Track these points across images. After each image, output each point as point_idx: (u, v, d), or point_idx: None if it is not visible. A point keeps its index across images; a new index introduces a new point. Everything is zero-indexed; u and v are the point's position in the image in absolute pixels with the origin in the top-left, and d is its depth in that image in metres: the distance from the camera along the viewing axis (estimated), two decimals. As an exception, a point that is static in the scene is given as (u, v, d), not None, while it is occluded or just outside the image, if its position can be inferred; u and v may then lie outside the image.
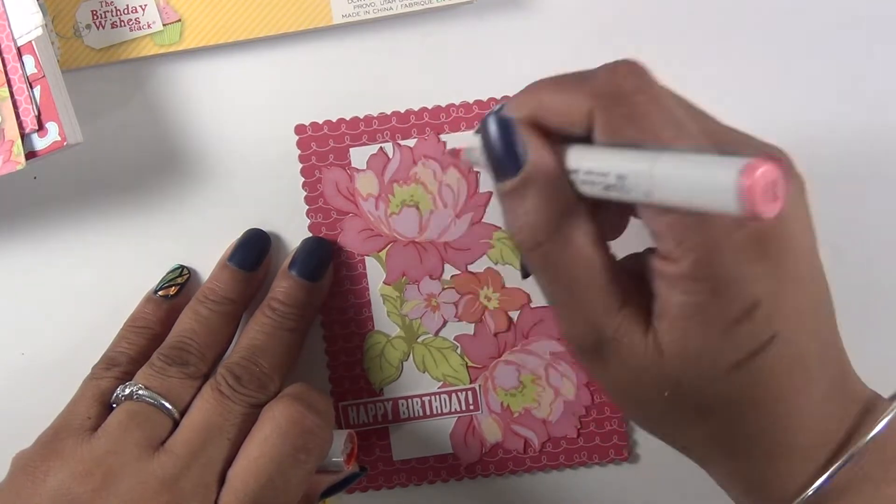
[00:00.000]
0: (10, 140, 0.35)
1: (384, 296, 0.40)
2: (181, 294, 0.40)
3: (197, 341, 0.36)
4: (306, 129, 0.40)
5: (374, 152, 0.40)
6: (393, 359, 0.41)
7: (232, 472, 0.33)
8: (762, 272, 0.28)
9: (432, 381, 0.41)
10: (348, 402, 0.41)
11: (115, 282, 0.40)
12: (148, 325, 0.38)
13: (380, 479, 0.41)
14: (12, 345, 0.41)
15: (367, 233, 0.40)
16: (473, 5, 0.39)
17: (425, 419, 0.41)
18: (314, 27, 0.39)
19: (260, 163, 0.40)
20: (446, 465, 0.41)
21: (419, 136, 0.40)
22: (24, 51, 0.35)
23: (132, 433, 0.33)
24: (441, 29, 0.40)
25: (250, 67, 0.40)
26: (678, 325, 0.28)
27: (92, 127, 0.39)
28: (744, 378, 0.29)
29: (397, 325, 0.41)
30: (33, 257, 0.40)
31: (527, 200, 0.30)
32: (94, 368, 0.37)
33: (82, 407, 0.35)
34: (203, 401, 0.34)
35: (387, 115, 0.40)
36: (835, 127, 0.40)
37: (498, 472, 0.41)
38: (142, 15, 0.38)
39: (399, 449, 0.41)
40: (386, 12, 0.38)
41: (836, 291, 0.39)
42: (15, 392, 0.41)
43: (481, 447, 0.41)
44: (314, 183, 0.40)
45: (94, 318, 0.40)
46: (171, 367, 0.35)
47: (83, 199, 0.40)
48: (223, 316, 0.38)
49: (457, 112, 0.40)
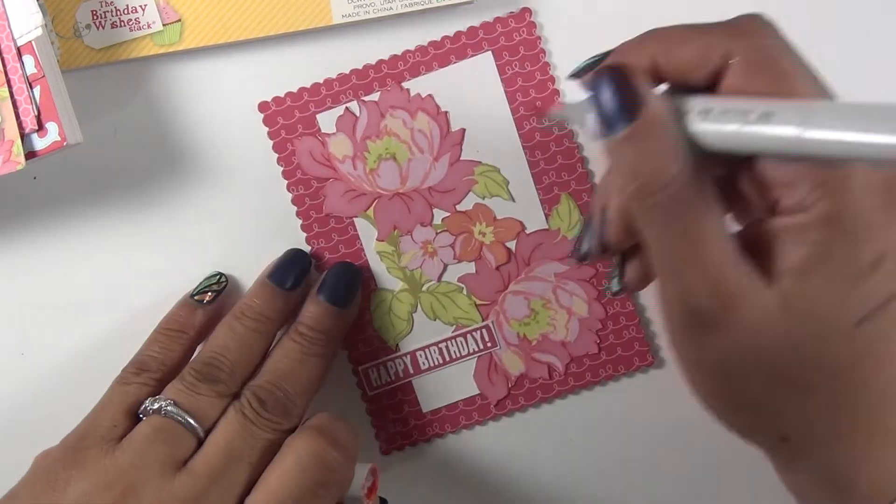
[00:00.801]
0: (9, 140, 0.35)
1: (380, 253, 0.40)
2: (217, 301, 0.39)
3: (230, 359, 0.36)
4: (269, 106, 0.40)
5: (341, 114, 0.40)
6: (402, 313, 0.41)
7: (250, 500, 0.33)
8: (890, 221, 0.27)
9: (445, 326, 0.41)
10: (367, 364, 0.41)
11: (114, 282, 0.40)
12: (182, 328, 0.38)
13: (414, 434, 0.42)
14: (12, 345, 0.41)
15: (351, 194, 0.40)
16: (473, 5, 0.39)
17: (446, 365, 0.41)
18: (314, 27, 0.39)
19: (261, 163, 0.40)
20: (476, 407, 0.41)
21: (381, 89, 0.40)
22: (24, 51, 0.35)
23: (157, 449, 0.33)
24: (441, 29, 0.40)
25: (250, 67, 0.40)
26: (805, 278, 0.27)
27: (92, 127, 0.39)
28: (863, 338, 0.28)
29: (399, 278, 0.41)
30: (33, 257, 0.40)
31: (651, 142, 0.28)
32: (124, 372, 0.37)
33: (109, 413, 0.35)
34: (227, 423, 0.35)
35: (346, 73, 0.40)
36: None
37: (528, 402, 0.41)
38: (142, 15, 0.38)
39: (426, 400, 0.41)
40: (386, 12, 0.38)
41: None
42: (15, 392, 0.41)
43: (507, 381, 0.41)
44: (288, 156, 0.40)
45: (93, 318, 0.41)
46: (202, 383, 0.35)
47: (83, 199, 0.40)
48: (258, 334, 0.37)
49: (413, 57, 0.40)
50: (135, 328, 0.40)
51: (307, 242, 0.40)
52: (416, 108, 0.40)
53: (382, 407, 0.41)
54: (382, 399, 0.41)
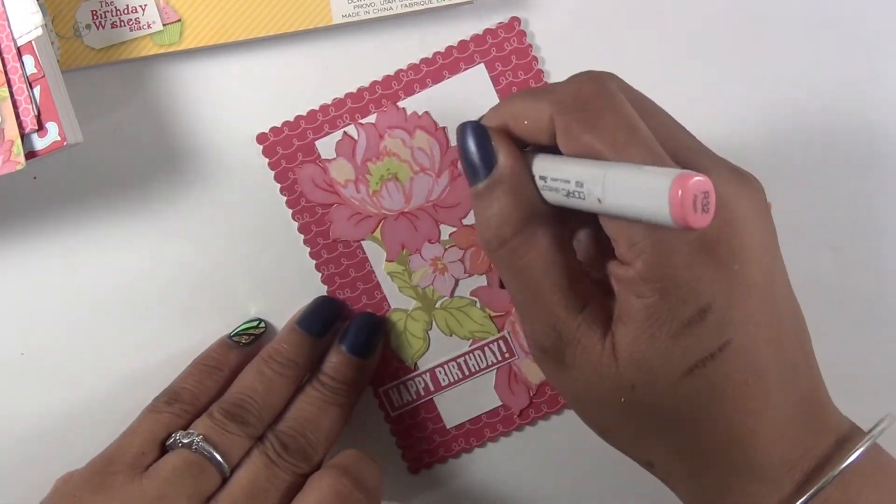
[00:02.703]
0: (9, 140, 0.34)
1: (391, 273, 0.40)
2: (253, 345, 0.40)
3: (258, 401, 0.37)
4: (267, 137, 0.40)
5: (340, 138, 0.40)
6: (417, 331, 0.41)
7: None
8: (712, 276, 0.28)
9: (461, 341, 0.41)
10: (387, 385, 0.41)
11: (114, 282, 0.40)
12: (218, 365, 0.39)
13: (441, 451, 0.41)
14: (12, 345, 0.41)
15: (357, 218, 0.40)
16: (473, 5, 0.39)
17: (466, 380, 0.41)
18: (314, 27, 0.39)
19: (261, 163, 0.40)
20: (500, 418, 0.41)
21: (378, 110, 0.40)
22: (24, 51, 0.35)
23: (184, 483, 0.33)
24: (441, 29, 0.40)
25: (250, 67, 0.40)
26: (632, 329, 0.29)
27: (92, 127, 0.39)
28: (698, 384, 0.29)
29: (412, 297, 0.41)
30: (33, 257, 0.40)
31: (495, 200, 0.31)
32: (157, 401, 0.37)
33: (138, 441, 0.35)
34: (252, 464, 0.35)
35: (340, 98, 0.40)
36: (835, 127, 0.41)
37: (551, 408, 0.41)
38: (142, 15, 0.38)
39: (450, 416, 0.41)
40: (386, 12, 0.38)
41: (837, 291, 0.39)
42: (15, 392, 0.41)
43: (528, 390, 0.41)
44: (291, 186, 0.40)
45: (93, 318, 0.40)
46: (232, 423, 0.36)
47: (83, 199, 0.40)
48: (285, 378, 0.38)
49: (407, 76, 0.40)
50: (135, 328, 0.40)
51: (317, 269, 0.40)
52: (413, 126, 0.40)
53: (406, 427, 0.41)
54: (405, 419, 0.41)
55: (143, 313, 0.40)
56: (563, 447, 0.42)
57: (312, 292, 0.40)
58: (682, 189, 0.24)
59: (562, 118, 0.30)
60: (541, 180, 0.31)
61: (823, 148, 0.41)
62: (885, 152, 0.41)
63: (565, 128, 0.30)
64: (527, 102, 0.31)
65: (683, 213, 0.24)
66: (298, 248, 0.40)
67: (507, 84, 0.40)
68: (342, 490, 0.34)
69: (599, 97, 0.30)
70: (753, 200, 0.30)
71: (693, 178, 0.24)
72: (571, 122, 0.29)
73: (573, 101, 0.30)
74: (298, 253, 0.40)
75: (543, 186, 0.31)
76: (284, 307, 0.41)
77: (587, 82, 0.30)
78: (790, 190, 0.41)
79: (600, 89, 0.30)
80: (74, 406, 0.40)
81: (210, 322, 0.40)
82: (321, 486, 0.35)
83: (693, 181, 0.24)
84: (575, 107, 0.30)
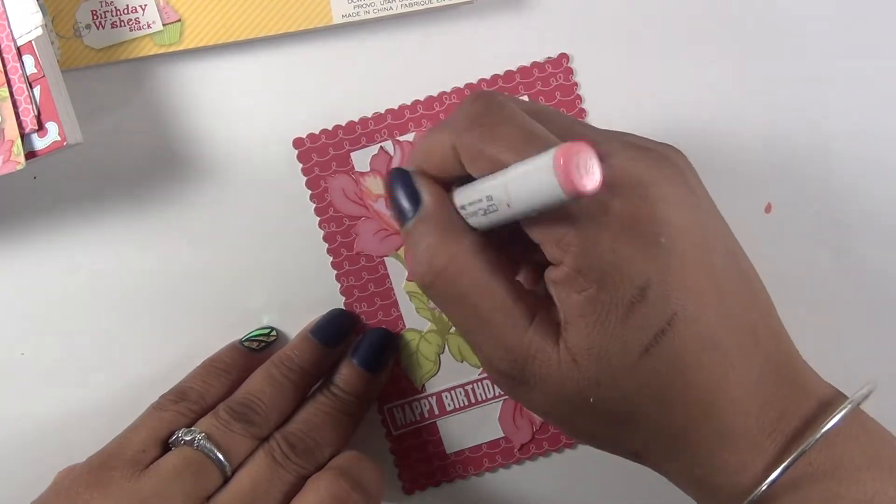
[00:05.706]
0: (9, 140, 0.34)
1: (410, 293, 0.40)
2: (263, 352, 0.40)
3: (265, 403, 0.37)
4: (304, 142, 0.40)
5: (375, 153, 0.40)
6: (429, 353, 0.41)
7: None
8: (643, 254, 0.28)
9: (472, 369, 0.41)
10: (392, 403, 0.41)
11: (114, 282, 0.40)
12: (226, 368, 0.39)
13: (438, 475, 0.41)
14: (12, 345, 0.41)
15: (383, 233, 0.40)
16: (473, 5, 0.39)
17: (471, 408, 0.41)
18: (314, 27, 0.39)
19: (261, 164, 0.40)
20: (500, 450, 0.41)
21: (416, 130, 0.40)
22: (24, 51, 0.35)
23: (183, 481, 0.33)
24: (441, 29, 0.40)
25: (250, 67, 0.40)
26: (581, 326, 0.29)
27: (92, 127, 0.39)
28: (656, 363, 0.29)
29: (427, 319, 0.41)
30: (33, 257, 0.40)
31: (423, 237, 0.31)
32: (162, 398, 0.37)
33: (140, 437, 0.35)
34: (255, 464, 0.35)
35: (381, 113, 0.40)
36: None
37: (552, 446, 0.41)
38: (142, 15, 0.38)
39: (450, 441, 0.41)
40: (386, 12, 0.38)
41: (834, 291, 0.39)
42: (15, 392, 0.41)
43: (531, 426, 0.41)
44: (321, 193, 0.40)
45: (93, 318, 0.40)
46: (236, 422, 0.35)
47: (83, 199, 0.40)
48: (294, 384, 0.38)
49: (449, 99, 0.40)
50: (135, 328, 0.40)
51: (337, 280, 0.40)
52: (450, 149, 0.40)
53: (406, 447, 0.41)
54: (406, 439, 0.41)
55: (144, 314, 0.40)
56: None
57: (329, 303, 0.40)
58: (563, 157, 0.25)
59: (461, 141, 0.30)
60: (462, 210, 0.32)
61: (823, 148, 0.41)
62: (885, 152, 0.41)
63: (466, 149, 0.30)
64: (432, 138, 0.32)
65: (569, 178, 0.25)
66: (321, 257, 0.40)
67: (549, 119, 0.40)
68: (340, 493, 0.34)
69: (490, 111, 0.30)
70: (669, 173, 0.30)
71: (569, 144, 0.25)
72: (470, 141, 0.30)
73: (467, 121, 0.30)
74: (319, 260, 0.40)
75: (466, 214, 0.31)
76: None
77: (476, 101, 0.31)
78: (790, 190, 0.41)
79: (489, 103, 0.31)
80: (74, 406, 0.40)
81: (213, 326, 0.40)
82: (318, 488, 0.34)
83: (568, 145, 0.25)
84: (470, 126, 0.30)
